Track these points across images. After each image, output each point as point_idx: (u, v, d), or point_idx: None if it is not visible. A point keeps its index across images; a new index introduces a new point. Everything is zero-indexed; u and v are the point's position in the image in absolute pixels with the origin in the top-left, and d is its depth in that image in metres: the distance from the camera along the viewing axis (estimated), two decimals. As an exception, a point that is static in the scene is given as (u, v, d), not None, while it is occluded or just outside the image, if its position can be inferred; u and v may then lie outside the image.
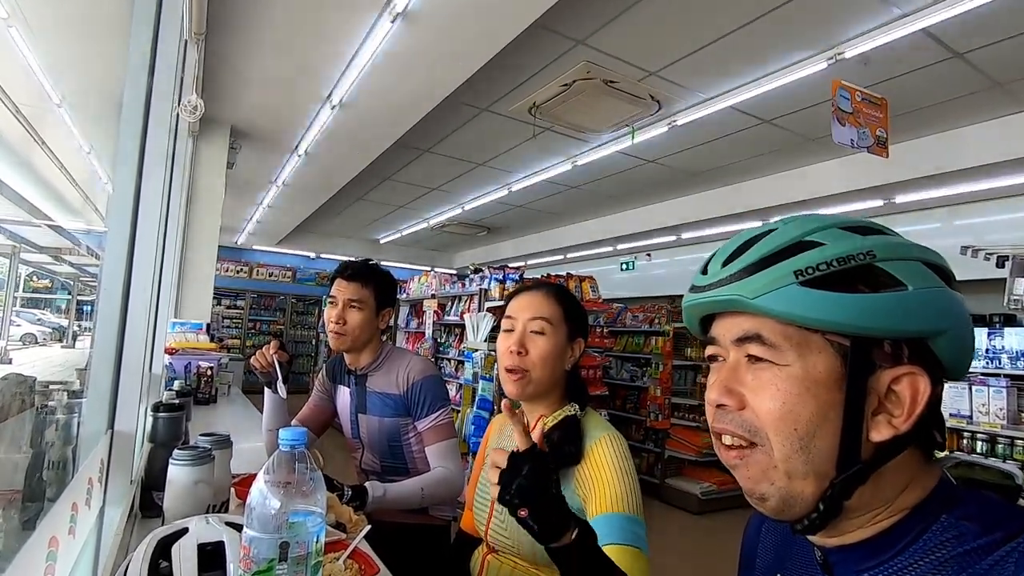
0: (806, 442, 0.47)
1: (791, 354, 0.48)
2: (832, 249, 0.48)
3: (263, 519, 0.63)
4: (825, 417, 0.47)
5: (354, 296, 1.60)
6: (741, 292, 0.50)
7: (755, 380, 0.50)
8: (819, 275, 0.47)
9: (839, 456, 0.47)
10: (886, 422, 0.47)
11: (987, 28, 3.10)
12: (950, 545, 0.44)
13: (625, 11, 3.12)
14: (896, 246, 0.49)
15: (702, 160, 5.49)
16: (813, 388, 0.47)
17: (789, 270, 0.48)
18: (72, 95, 4.19)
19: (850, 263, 0.47)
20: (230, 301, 11.14)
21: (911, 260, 0.48)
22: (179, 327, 3.89)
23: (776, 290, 0.48)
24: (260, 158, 5.59)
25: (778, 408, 0.48)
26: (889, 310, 0.46)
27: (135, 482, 1.35)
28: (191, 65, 2.76)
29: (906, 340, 0.47)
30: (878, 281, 0.47)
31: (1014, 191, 4.89)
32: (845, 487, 0.48)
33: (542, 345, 1.07)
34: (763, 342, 0.49)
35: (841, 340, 0.47)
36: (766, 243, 0.51)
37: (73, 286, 7.36)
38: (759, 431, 0.49)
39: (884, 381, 0.47)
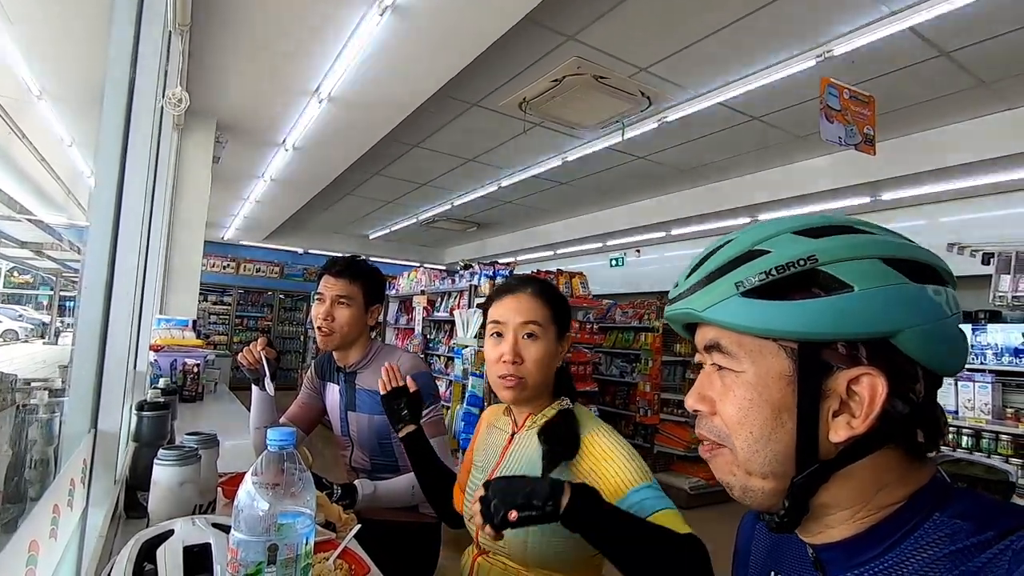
0: (762, 444, 0.49)
1: (746, 361, 0.50)
2: (774, 258, 0.49)
3: (251, 521, 0.61)
4: (778, 420, 0.49)
5: (342, 292, 1.57)
6: (693, 306, 0.53)
7: (721, 386, 0.52)
8: (759, 285, 0.49)
9: (796, 456, 0.48)
10: (844, 423, 0.47)
11: (973, 27, 3.13)
12: (943, 543, 0.44)
13: (615, 7, 3.11)
14: (847, 247, 0.48)
15: (692, 156, 5.51)
16: (765, 392, 0.49)
17: (731, 282, 0.50)
18: (53, 87, 4.10)
19: (789, 270, 0.48)
20: (217, 297, 11.01)
21: (863, 259, 0.48)
22: (164, 324, 3.83)
23: (720, 303, 0.50)
24: (247, 152, 5.52)
25: (735, 413, 0.50)
26: (830, 313, 0.46)
27: (119, 482, 1.32)
28: (175, 57, 2.72)
29: (862, 341, 0.47)
30: (821, 285, 0.47)
31: (999, 188, 4.96)
32: (806, 486, 0.49)
33: (536, 350, 1.05)
34: (722, 350, 0.52)
35: (791, 344, 0.48)
36: (719, 255, 0.53)
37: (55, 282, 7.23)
38: (725, 435, 0.52)
39: (842, 382, 0.47)
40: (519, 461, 1.08)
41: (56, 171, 5.30)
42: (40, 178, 5.53)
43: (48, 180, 5.49)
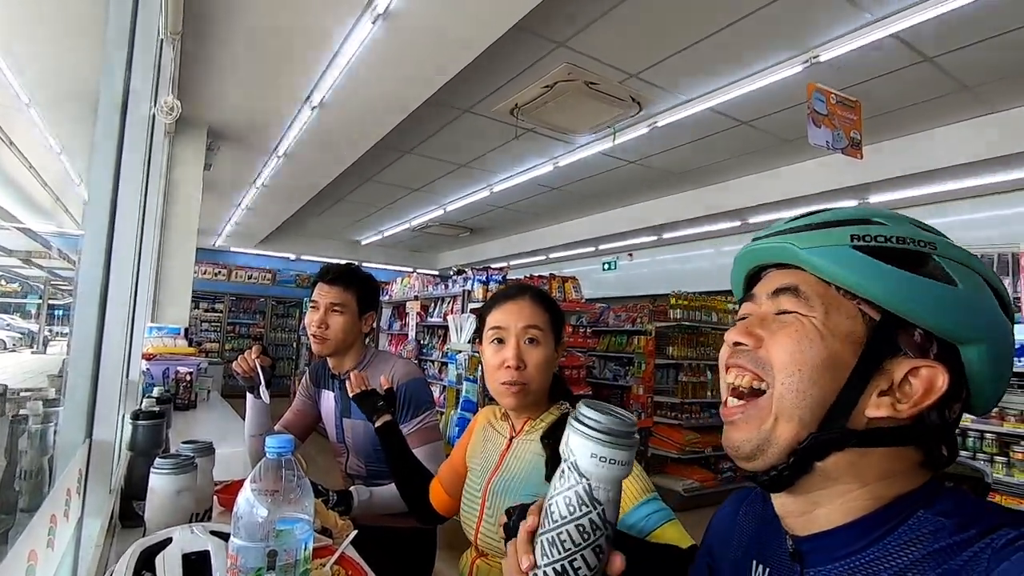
0: (805, 385, 0.49)
1: (819, 309, 0.50)
2: (894, 229, 0.50)
3: (250, 528, 0.62)
4: (830, 370, 0.48)
5: (336, 300, 1.58)
6: (794, 242, 0.52)
7: (778, 325, 0.52)
8: (874, 245, 0.49)
9: (828, 411, 0.48)
10: (889, 403, 0.48)
11: (956, 33, 3.19)
12: (925, 540, 0.45)
13: (606, 14, 3.15)
14: (962, 253, 0.50)
15: (682, 161, 5.56)
16: (828, 339, 0.49)
17: (847, 233, 0.50)
18: (42, 95, 4.08)
19: (908, 244, 0.49)
20: (208, 304, 10.95)
21: (973, 270, 0.49)
22: (156, 332, 3.81)
23: (828, 247, 0.50)
24: (238, 159, 5.50)
25: (790, 346, 0.50)
26: (929, 296, 0.47)
27: (114, 492, 1.32)
28: (167, 65, 2.71)
29: (938, 337, 0.48)
30: (930, 271, 0.48)
31: (983, 191, 5.05)
32: (820, 445, 0.48)
33: (538, 355, 1.06)
34: (797, 294, 0.51)
35: (873, 313, 0.49)
36: (834, 212, 0.53)
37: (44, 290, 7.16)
38: (768, 368, 0.51)
39: (903, 368, 0.48)
40: (518, 466, 1.09)
41: (45, 179, 5.26)
42: (29, 186, 5.49)
43: (37, 188, 5.45)
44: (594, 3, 3.06)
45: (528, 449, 1.09)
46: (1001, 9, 2.94)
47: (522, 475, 1.06)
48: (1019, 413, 3.20)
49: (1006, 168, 4.50)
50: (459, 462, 1.22)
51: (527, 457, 1.08)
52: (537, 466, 1.04)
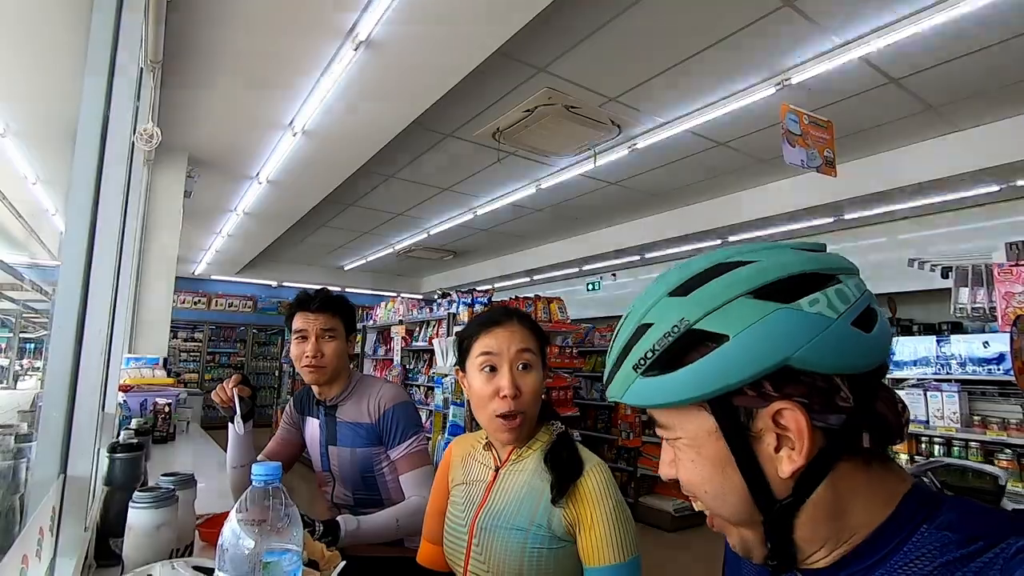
0: (720, 498, 0.50)
1: (679, 428, 0.52)
2: (656, 330, 0.50)
3: (236, 560, 0.60)
4: (724, 472, 0.49)
5: (326, 326, 1.56)
6: (613, 395, 0.54)
7: (673, 455, 0.54)
8: (650, 362, 0.50)
9: (754, 501, 0.49)
10: (787, 457, 0.47)
11: (919, 56, 3.33)
12: (932, 556, 0.44)
13: (584, 40, 3.23)
14: (713, 296, 0.48)
15: (662, 182, 5.66)
16: (703, 451, 0.50)
17: (630, 367, 0.51)
18: (17, 124, 4.03)
19: (668, 339, 0.49)
20: (187, 333, 10.73)
21: (731, 301, 0.47)
22: (134, 363, 3.72)
23: (629, 388, 0.52)
24: (219, 186, 5.47)
25: (689, 476, 0.52)
26: (717, 368, 0.47)
27: (90, 529, 1.27)
28: (147, 93, 2.71)
29: (761, 379, 0.46)
30: (699, 344, 0.48)
31: (952, 205, 5.21)
32: (779, 525, 0.49)
33: (532, 380, 1.03)
34: (659, 424, 0.54)
35: (703, 403, 0.49)
36: (619, 338, 0.54)
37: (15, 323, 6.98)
38: (695, 497, 0.53)
39: (766, 420, 0.47)
40: (507, 498, 1.04)
41: (18, 209, 5.16)
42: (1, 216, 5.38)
43: (9, 218, 5.35)
44: (573, 30, 3.14)
45: (518, 480, 1.05)
46: (959, 33, 3.08)
47: (512, 507, 1.03)
48: (1002, 421, 3.25)
49: (974, 184, 4.66)
50: (442, 507, 1.17)
51: (516, 488, 1.04)
52: (529, 494, 1.01)
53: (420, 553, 1.20)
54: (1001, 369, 3.27)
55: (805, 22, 3.05)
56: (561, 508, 0.98)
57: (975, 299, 3.08)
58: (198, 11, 2.80)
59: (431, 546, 1.18)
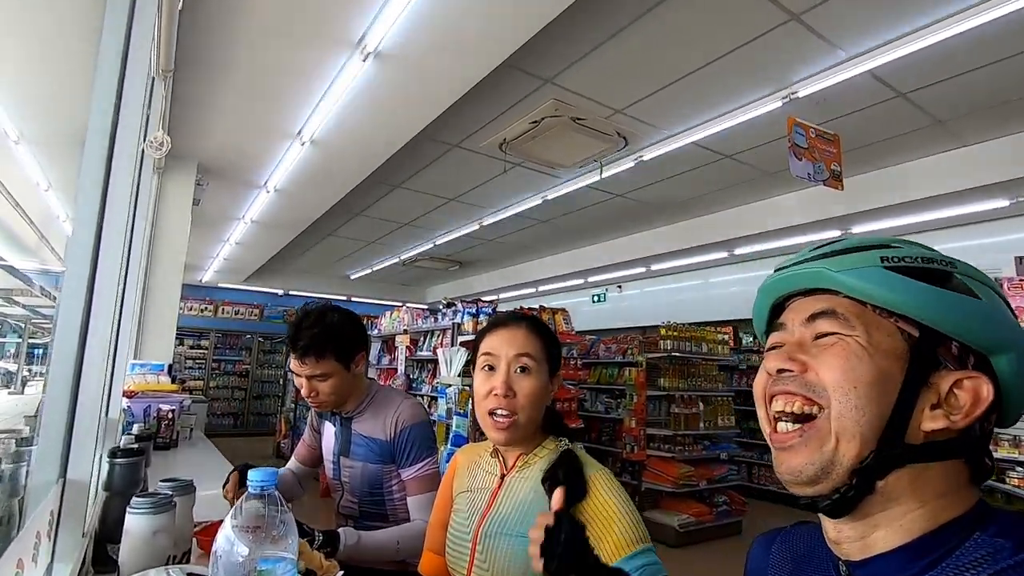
0: (862, 403, 0.49)
1: (860, 328, 0.51)
2: (915, 250, 0.53)
3: (230, 567, 0.59)
4: (882, 386, 0.49)
5: (314, 372, 1.49)
6: (828, 266, 0.53)
7: (819, 349, 0.52)
8: (903, 265, 0.51)
9: (886, 427, 0.49)
10: (943, 415, 0.49)
11: (927, 70, 3.32)
12: (984, 563, 0.44)
13: (591, 52, 3.25)
14: (977, 271, 0.52)
15: (669, 194, 5.66)
16: (876, 356, 0.50)
17: (876, 255, 0.52)
18: (32, 131, 4.09)
19: (932, 264, 0.51)
20: (194, 341, 10.77)
21: (987, 286, 0.51)
22: (139, 369, 3.73)
23: (860, 268, 0.52)
24: (228, 194, 5.52)
25: (840, 365, 0.50)
26: (960, 310, 0.49)
27: (88, 535, 1.26)
28: (158, 101, 2.74)
29: (973, 349, 0.50)
30: (956, 286, 0.50)
31: (963, 220, 5.17)
32: (882, 462, 0.49)
33: (529, 385, 1.01)
34: (836, 316, 0.52)
35: (911, 329, 0.50)
36: (855, 239, 0.55)
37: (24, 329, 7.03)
38: (819, 390, 0.51)
39: (947, 381, 0.49)
40: (513, 505, 1.03)
41: (30, 216, 5.22)
42: (12, 222, 5.44)
43: (21, 224, 5.41)
44: (580, 41, 3.16)
45: (523, 487, 1.03)
46: (968, 48, 3.08)
47: (517, 514, 1.01)
48: (1013, 438, 3.20)
49: (982, 199, 4.63)
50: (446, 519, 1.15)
51: (522, 495, 1.02)
52: (535, 502, 0.99)
53: (422, 564, 1.19)
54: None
55: (812, 36, 3.06)
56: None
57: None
58: (209, 21, 2.84)
59: (434, 556, 1.16)
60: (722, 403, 5.66)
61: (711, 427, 5.45)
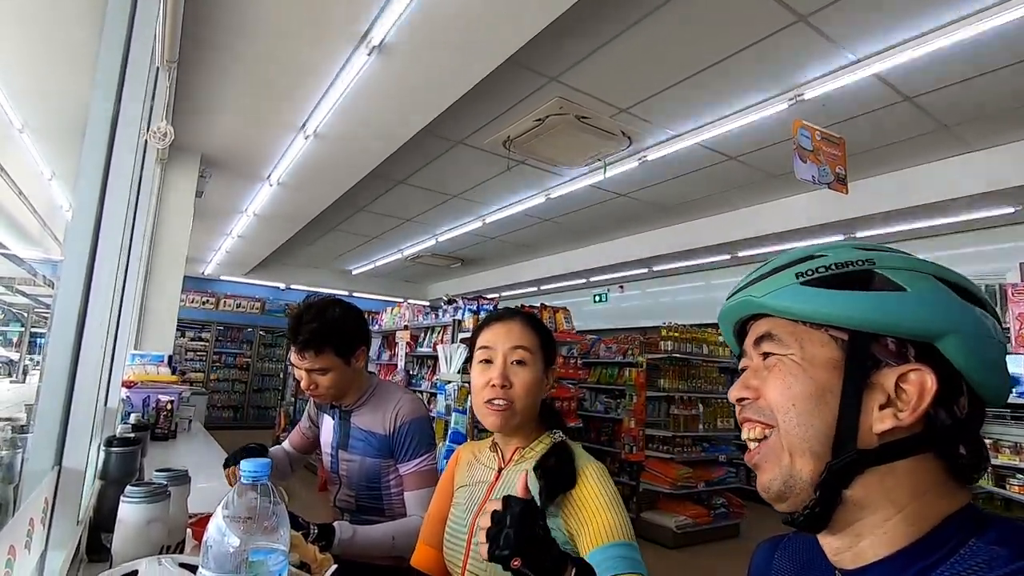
0: (803, 418, 0.50)
1: (794, 345, 0.53)
2: (833, 257, 0.53)
3: (221, 558, 0.59)
4: (821, 398, 0.50)
5: (314, 366, 1.49)
6: (752, 294, 0.56)
7: (767, 372, 0.54)
8: (817, 276, 0.52)
9: (835, 438, 0.49)
10: (891, 414, 0.48)
11: (934, 74, 3.31)
12: (980, 570, 0.44)
13: (597, 50, 3.23)
14: (904, 260, 0.52)
15: (672, 194, 5.64)
16: (811, 371, 0.51)
17: (792, 273, 0.54)
18: (36, 121, 4.09)
19: (847, 268, 0.52)
20: (195, 333, 10.79)
21: (917, 272, 0.51)
22: (139, 359, 3.73)
23: (778, 290, 0.54)
24: (231, 187, 5.52)
25: (781, 388, 0.52)
26: (881, 307, 0.49)
27: (82, 523, 1.26)
28: (162, 91, 2.74)
29: (910, 341, 0.49)
30: (876, 284, 0.50)
31: (968, 226, 5.15)
32: (842, 473, 0.49)
33: (525, 376, 1.04)
34: (772, 338, 0.54)
35: (841, 335, 0.51)
36: (780, 258, 0.57)
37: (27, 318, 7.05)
38: (770, 414, 0.53)
39: (891, 378, 0.49)
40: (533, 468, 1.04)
41: (34, 205, 5.23)
42: (16, 212, 5.45)
43: (25, 214, 5.42)
44: (586, 39, 3.15)
45: (518, 480, 1.05)
46: (975, 53, 3.06)
47: None
48: (1014, 445, 3.18)
49: (987, 205, 4.61)
50: (444, 512, 1.16)
51: (518, 488, 1.04)
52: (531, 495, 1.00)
53: (415, 556, 1.19)
54: (1014, 392, 3.21)
55: (819, 38, 3.04)
56: (560, 518, 0.97)
57: (988, 320, 3.03)
58: (214, 13, 2.83)
59: (427, 549, 1.17)
60: (722, 405, 5.64)
61: (710, 429, 5.43)
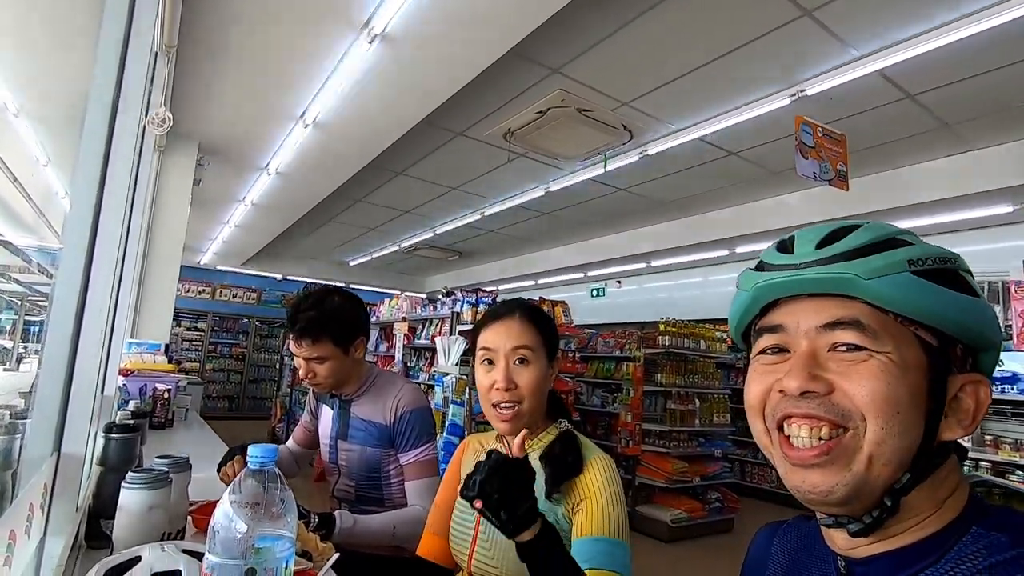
0: (904, 427, 0.46)
1: (890, 343, 0.47)
2: (929, 248, 0.49)
3: (227, 543, 0.58)
4: (917, 408, 0.47)
5: (311, 355, 1.48)
6: (854, 271, 0.48)
7: (843, 366, 0.48)
8: (927, 268, 0.48)
9: (919, 448, 0.47)
10: (956, 424, 0.48)
11: (937, 72, 3.30)
12: (980, 556, 0.44)
13: (599, 43, 3.21)
14: (967, 266, 0.51)
15: (672, 190, 5.63)
16: (909, 377, 0.46)
17: (903, 258, 0.48)
18: (32, 105, 4.04)
19: (947, 264, 0.49)
20: (190, 323, 10.75)
21: (974, 276, 0.51)
22: (135, 348, 3.71)
23: (890, 275, 0.47)
24: (229, 175, 5.48)
25: (883, 389, 0.46)
26: (973, 313, 0.48)
27: (81, 509, 1.25)
28: (161, 78, 2.71)
29: (971, 349, 0.49)
30: (961, 287, 0.48)
31: (970, 225, 5.15)
32: (914, 482, 0.47)
33: (529, 375, 1.03)
34: (862, 328, 0.48)
35: (929, 338, 0.48)
36: (864, 233, 0.50)
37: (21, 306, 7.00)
38: (852, 414, 0.47)
39: (955, 386, 0.48)
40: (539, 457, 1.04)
41: (28, 191, 5.18)
42: (10, 198, 5.40)
43: (19, 200, 5.37)
44: (589, 32, 3.12)
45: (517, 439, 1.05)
46: (978, 51, 3.05)
47: None
48: (1014, 442, 3.20)
49: (986, 204, 4.62)
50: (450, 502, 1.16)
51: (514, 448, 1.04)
52: (537, 486, 1.00)
53: (422, 546, 1.18)
54: (1015, 389, 3.23)
55: (824, 33, 3.03)
56: (562, 506, 0.97)
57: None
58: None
59: (434, 538, 1.16)
60: (718, 400, 5.66)
61: (706, 424, 5.45)
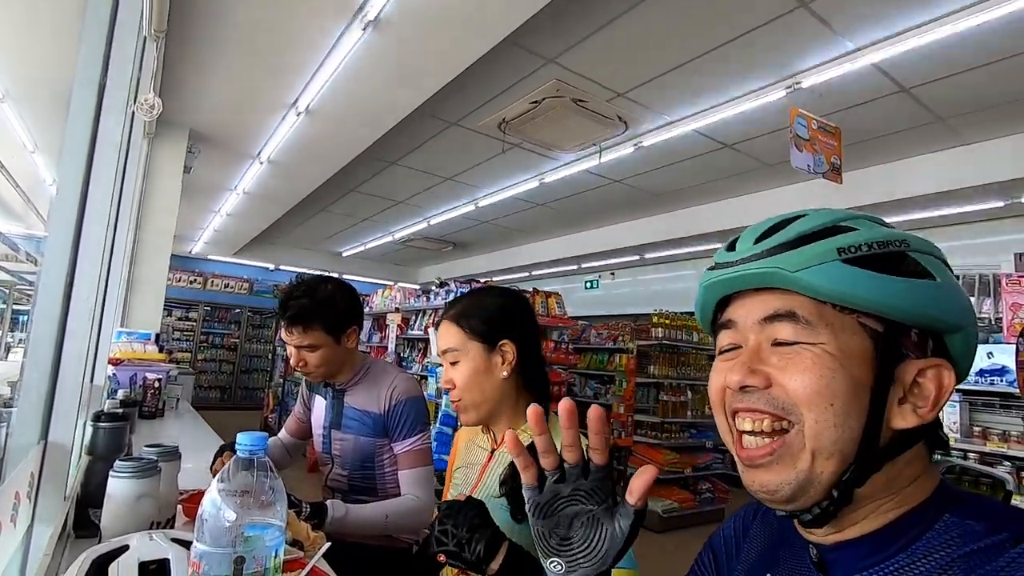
0: (840, 419, 0.45)
1: (825, 333, 0.47)
2: (868, 233, 0.48)
3: (216, 532, 0.57)
4: (857, 396, 0.46)
5: (302, 343, 1.48)
6: (781, 265, 0.48)
7: (783, 360, 0.48)
8: (860, 255, 0.47)
9: (862, 438, 0.46)
10: (911, 411, 0.47)
11: (931, 66, 3.30)
12: (955, 544, 0.43)
13: (595, 32, 3.19)
14: (927, 244, 0.49)
15: (666, 182, 5.63)
16: (847, 364, 0.46)
17: (832, 247, 0.47)
18: (18, 89, 3.97)
19: (888, 248, 0.47)
20: (182, 313, 10.67)
21: (938, 259, 0.49)
22: (125, 337, 3.68)
23: (819, 265, 0.47)
24: (220, 164, 5.42)
25: (814, 382, 0.46)
26: (923, 297, 0.46)
27: (69, 498, 1.24)
28: (150, 62, 2.66)
29: (931, 333, 0.48)
30: (910, 270, 0.47)
31: (963, 219, 5.19)
32: (861, 472, 0.46)
33: (459, 374, 1.08)
34: (796, 320, 0.48)
35: (874, 324, 0.47)
36: (802, 223, 0.50)
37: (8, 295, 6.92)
38: (791, 408, 0.47)
39: (911, 372, 0.47)
40: (498, 478, 1.04)
41: (15, 178, 5.11)
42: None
43: (6, 187, 5.29)
44: (584, 21, 3.10)
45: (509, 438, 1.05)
46: (973, 45, 3.05)
47: None
48: (1002, 433, 3.24)
49: (978, 198, 4.64)
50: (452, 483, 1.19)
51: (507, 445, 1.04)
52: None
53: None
54: (1004, 381, 3.26)
55: (819, 25, 3.02)
56: None
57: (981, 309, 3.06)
58: (205, -18, 2.75)
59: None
60: (710, 392, 5.70)
61: (698, 416, 5.49)
